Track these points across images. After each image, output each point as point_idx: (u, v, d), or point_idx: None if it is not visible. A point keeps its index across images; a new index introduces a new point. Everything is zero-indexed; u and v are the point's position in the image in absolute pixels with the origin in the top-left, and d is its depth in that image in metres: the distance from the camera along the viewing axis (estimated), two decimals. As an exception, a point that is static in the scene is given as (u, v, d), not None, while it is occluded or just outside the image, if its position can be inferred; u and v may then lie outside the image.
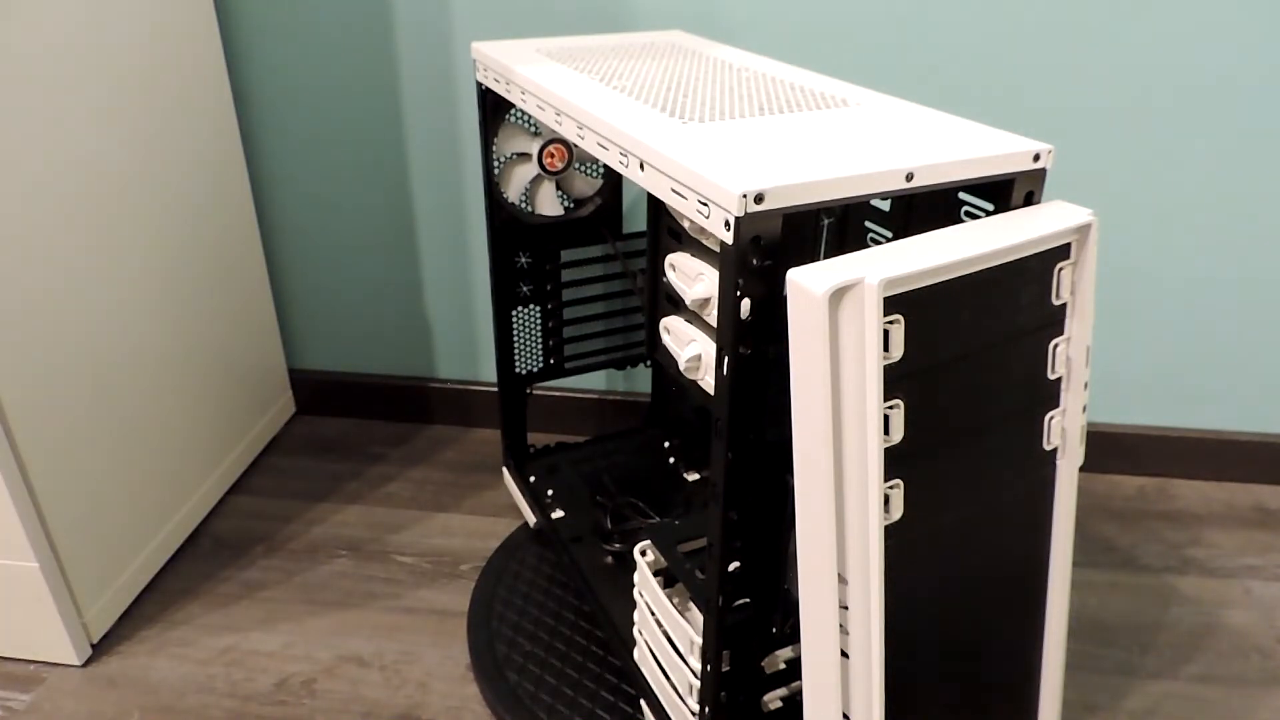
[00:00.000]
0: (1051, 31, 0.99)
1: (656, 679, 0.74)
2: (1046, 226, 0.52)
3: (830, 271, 0.46)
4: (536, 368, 1.03)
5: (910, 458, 0.50)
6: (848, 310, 0.46)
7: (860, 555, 0.50)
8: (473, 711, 0.87)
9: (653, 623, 0.72)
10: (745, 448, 0.54)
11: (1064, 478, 0.59)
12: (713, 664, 0.62)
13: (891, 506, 0.50)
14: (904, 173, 0.52)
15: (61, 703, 0.88)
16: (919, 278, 0.47)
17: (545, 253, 0.99)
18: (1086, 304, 0.55)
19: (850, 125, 0.60)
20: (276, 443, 1.29)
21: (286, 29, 1.11)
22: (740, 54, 0.85)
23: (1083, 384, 0.57)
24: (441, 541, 1.10)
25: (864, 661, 0.52)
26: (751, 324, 0.51)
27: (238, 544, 1.09)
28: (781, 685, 0.68)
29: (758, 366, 0.52)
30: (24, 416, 0.83)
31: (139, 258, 0.98)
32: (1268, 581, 1.04)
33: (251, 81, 1.15)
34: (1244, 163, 1.03)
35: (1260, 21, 0.97)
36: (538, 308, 1.00)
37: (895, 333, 0.47)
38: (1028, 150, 0.55)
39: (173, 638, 0.96)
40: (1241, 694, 0.90)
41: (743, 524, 0.57)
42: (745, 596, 0.61)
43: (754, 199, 0.47)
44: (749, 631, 0.63)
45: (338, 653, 0.94)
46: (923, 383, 0.50)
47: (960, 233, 0.52)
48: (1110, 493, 1.19)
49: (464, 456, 1.27)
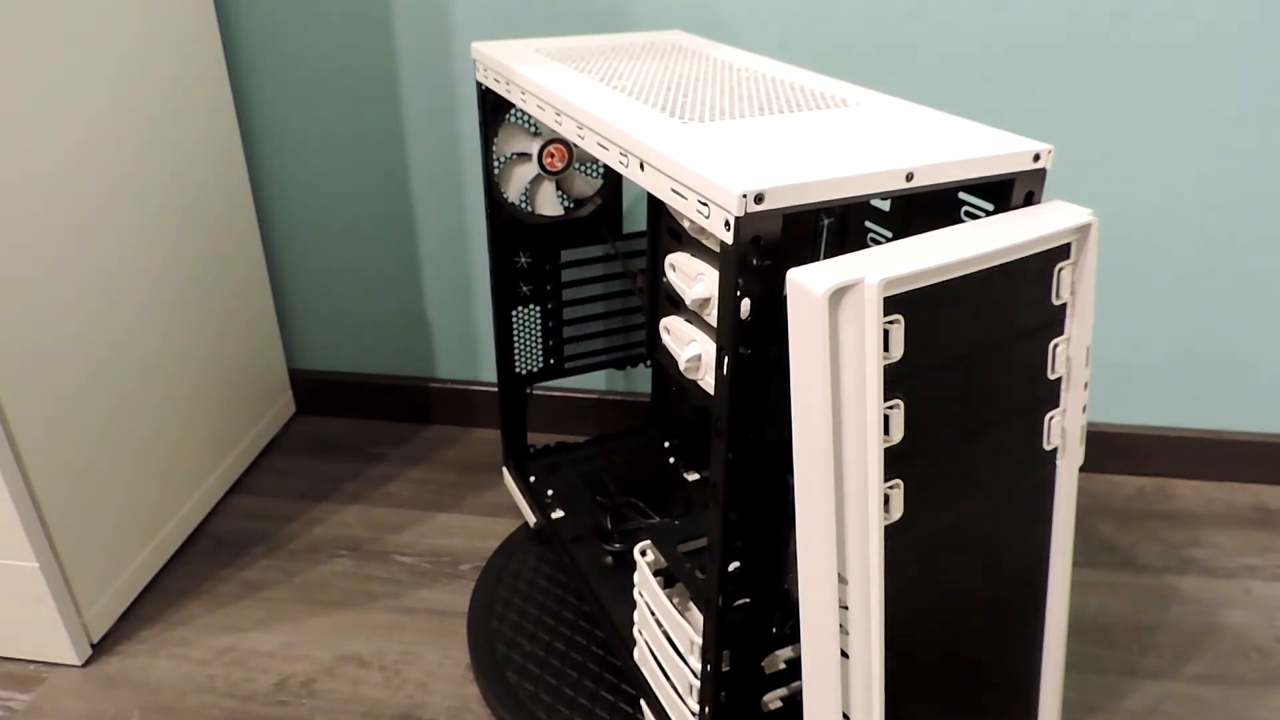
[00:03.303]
0: (1052, 31, 0.99)
1: (656, 679, 0.74)
2: (1046, 226, 0.52)
3: (830, 271, 0.46)
4: (536, 368, 1.03)
5: (910, 458, 0.50)
6: (848, 310, 0.46)
7: (860, 555, 0.50)
8: (473, 711, 0.87)
9: (653, 623, 0.72)
10: (745, 448, 0.54)
11: (1064, 477, 0.59)
12: (713, 664, 0.62)
13: (891, 506, 0.50)
14: (904, 173, 0.52)
15: (61, 703, 0.88)
16: (919, 278, 0.47)
17: (545, 253, 0.99)
18: (1087, 304, 0.55)
19: (850, 125, 0.60)
20: (276, 443, 1.29)
21: (286, 29, 1.11)
22: (740, 54, 0.85)
23: (1083, 384, 0.57)
24: (441, 541, 1.10)
25: (864, 661, 0.52)
26: (751, 324, 0.51)
27: (238, 544, 1.09)
28: (781, 685, 0.68)
29: (758, 366, 0.52)
30: (24, 417, 0.83)
31: (138, 258, 0.98)
32: (1268, 581, 1.04)
33: (251, 81, 1.15)
34: (1244, 163, 1.03)
35: (1260, 21, 0.97)
36: (538, 308, 1.00)
37: (895, 333, 0.47)
38: (1027, 150, 0.55)
39: (173, 638, 0.96)
40: (1241, 694, 0.89)
41: (743, 524, 0.57)
42: (745, 596, 0.61)
43: (754, 199, 0.47)
44: (749, 631, 0.63)
45: (338, 653, 0.94)
46: (922, 383, 0.50)
47: (960, 233, 0.52)
48: (1110, 493, 1.19)
49: (464, 456, 1.27)
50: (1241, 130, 1.02)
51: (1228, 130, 1.02)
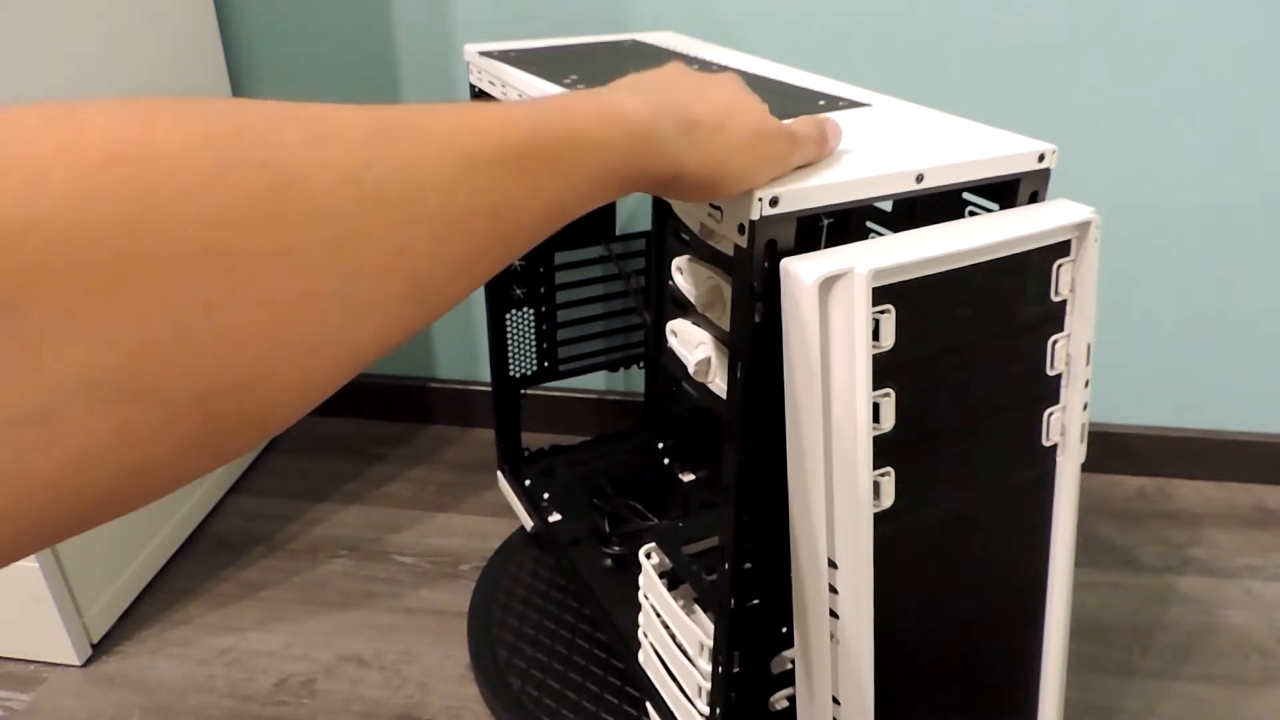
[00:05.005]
0: (1053, 32, 1.00)
1: (663, 681, 0.73)
2: (1045, 223, 0.53)
3: (822, 261, 0.47)
4: (530, 371, 1.02)
5: (902, 446, 0.50)
6: (837, 299, 0.47)
7: (850, 540, 0.50)
8: (473, 712, 0.87)
9: (659, 625, 0.72)
10: (757, 450, 0.54)
11: (1065, 474, 0.59)
12: (724, 665, 0.62)
13: (882, 494, 0.51)
14: (914, 174, 0.51)
15: (61, 703, 0.88)
16: (910, 269, 0.48)
17: (539, 255, 0.98)
18: (1087, 301, 0.55)
19: (856, 127, 0.60)
20: (276, 443, 1.29)
21: (286, 29, 1.11)
22: (739, 55, 0.85)
23: (1084, 381, 0.57)
24: (441, 541, 1.10)
25: (853, 644, 0.53)
26: (764, 327, 0.51)
27: (238, 544, 1.09)
28: (788, 685, 0.68)
29: (770, 369, 0.52)
30: (24, 416, 0.83)
31: (139, 258, 0.98)
32: (1268, 581, 1.04)
33: (252, 81, 1.15)
34: (1245, 163, 1.04)
35: (1260, 22, 0.97)
36: (531, 311, 1.00)
37: (886, 322, 0.48)
38: (1032, 150, 0.55)
39: (173, 638, 0.96)
40: (1241, 694, 0.89)
41: (753, 524, 0.57)
42: (757, 597, 0.61)
43: (769, 202, 0.47)
44: (759, 632, 0.63)
45: (338, 653, 0.94)
46: (916, 373, 0.50)
47: (958, 228, 0.52)
48: (1110, 492, 1.19)
49: (464, 456, 1.27)
50: (1243, 130, 1.02)
51: (1230, 130, 1.02)
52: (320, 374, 0.26)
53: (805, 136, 0.49)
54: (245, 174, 0.23)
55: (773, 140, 0.46)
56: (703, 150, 0.43)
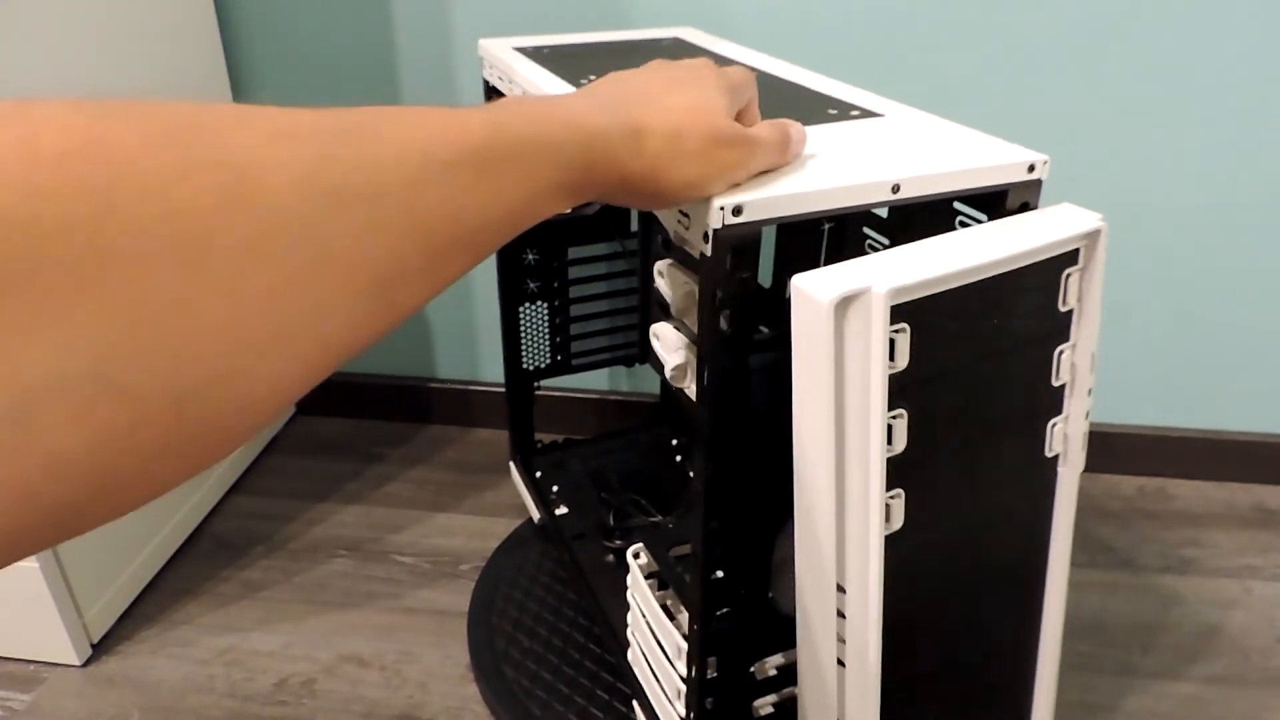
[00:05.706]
0: (1054, 32, 0.99)
1: (648, 680, 0.73)
2: (1055, 233, 0.52)
3: (836, 279, 0.46)
4: (544, 364, 1.03)
5: (912, 467, 0.50)
6: (854, 319, 0.45)
7: (860, 565, 0.50)
8: (473, 711, 0.87)
9: (644, 625, 0.72)
10: (726, 457, 0.54)
11: (1065, 484, 0.59)
12: (698, 670, 0.62)
13: (892, 516, 0.50)
14: (890, 185, 0.51)
15: (61, 703, 0.88)
16: (926, 286, 0.47)
17: (553, 250, 0.98)
18: (1094, 311, 0.55)
19: (840, 132, 0.59)
20: (276, 443, 1.29)
21: (286, 28, 1.10)
22: (747, 52, 0.84)
23: (1087, 390, 0.56)
24: (441, 541, 1.10)
25: (860, 670, 0.52)
26: (731, 335, 0.50)
27: (238, 544, 1.09)
28: (772, 692, 0.68)
29: (739, 377, 0.52)
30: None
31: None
32: (1268, 581, 1.04)
33: (252, 81, 1.14)
34: (1244, 163, 1.03)
35: (1260, 21, 0.96)
36: (545, 304, 1.00)
37: (901, 341, 0.47)
38: (1022, 161, 0.54)
39: (173, 638, 0.96)
40: (1241, 694, 0.90)
41: (726, 533, 0.57)
42: (727, 605, 0.60)
43: (732, 211, 0.47)
44: (736, 639, 0.63)
45: (338, 653, 0.94)
46: (927, 391, 0.49)
47: (967, 238, 0.51)
48: (1109, 493, 1.19)
49: (464, 456, 1.27)
50: (1243, 131, 1.02)
51: (1230, 130, 1.02)
52: (290, 371, 0.27)
53: (766, 141, 0.49)
54: (205, 171, 0.23)
55: (730, 148, 0.46)
56: (650, 159, 0.43)
